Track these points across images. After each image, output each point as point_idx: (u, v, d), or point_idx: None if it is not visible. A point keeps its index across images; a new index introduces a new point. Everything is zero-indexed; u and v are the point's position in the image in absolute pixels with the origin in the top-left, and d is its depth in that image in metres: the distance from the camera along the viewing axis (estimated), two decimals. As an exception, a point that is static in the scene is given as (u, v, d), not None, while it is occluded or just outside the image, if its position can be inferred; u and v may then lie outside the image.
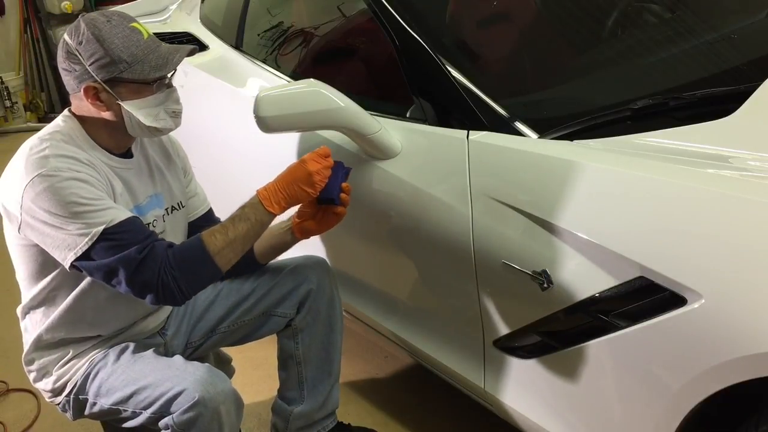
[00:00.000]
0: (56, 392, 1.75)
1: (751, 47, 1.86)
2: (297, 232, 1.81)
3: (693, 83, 1.70)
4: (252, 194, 1.65)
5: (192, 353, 1.92)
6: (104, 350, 1.72)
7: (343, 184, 1.71)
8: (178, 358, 1.68)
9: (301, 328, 1.92)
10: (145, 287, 1.52)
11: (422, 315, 1.95)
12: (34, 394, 2.45)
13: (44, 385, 1.76)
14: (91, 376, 1.70)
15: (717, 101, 1.60)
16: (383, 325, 2.05)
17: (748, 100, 1.53)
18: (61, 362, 1.73)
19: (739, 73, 1.75)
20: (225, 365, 2.11)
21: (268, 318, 1.92)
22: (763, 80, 1.59)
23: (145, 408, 1.61)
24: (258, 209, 1.61)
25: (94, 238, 1.50)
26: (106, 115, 1.61)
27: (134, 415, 1.64)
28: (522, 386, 1.69)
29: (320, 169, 1.65)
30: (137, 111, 1.59)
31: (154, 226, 1.72)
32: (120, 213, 1.55)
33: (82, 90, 1.58)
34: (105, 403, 1.67)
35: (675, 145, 1.48)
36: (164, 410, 1.58)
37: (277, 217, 1.66)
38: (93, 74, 1.56)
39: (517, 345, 1.66)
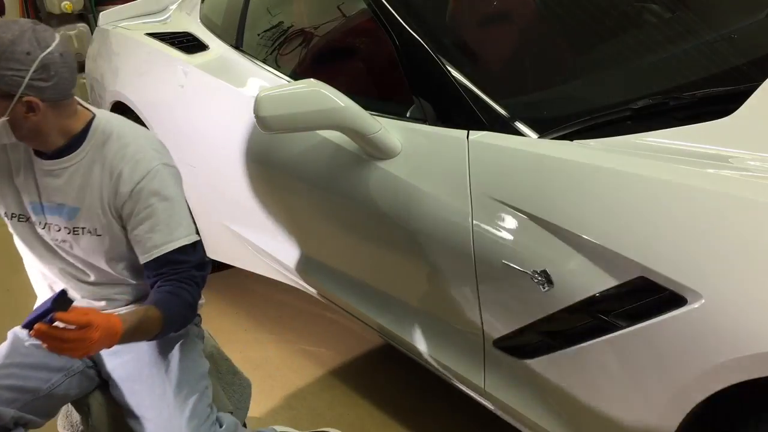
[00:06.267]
0: None
1: (751, 47, 1.86)
2: None
3: (693, 83, 1.70)
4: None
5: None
6: None
7: (39, 325, 1.38)
8: None
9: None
10: None
11: (422, 315, 1.94)
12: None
13: None
14: None
15: (717, 101, 1.60)
16: (383, 325, 2.05)
17: (748, 100, 1.53)
18: None
19: (739, 73, 1.75)
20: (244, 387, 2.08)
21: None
22: (763, 80, 1.59)
23: None
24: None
25: None
26: None
27: None
28: (522, 386, 1.69)
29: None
30: None
31: (48, 230, 1.68)
32: None
33: None
34: None
35: (675, 145, 1.48)
36: None
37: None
38: None
39: (517, 345, 1.66)
